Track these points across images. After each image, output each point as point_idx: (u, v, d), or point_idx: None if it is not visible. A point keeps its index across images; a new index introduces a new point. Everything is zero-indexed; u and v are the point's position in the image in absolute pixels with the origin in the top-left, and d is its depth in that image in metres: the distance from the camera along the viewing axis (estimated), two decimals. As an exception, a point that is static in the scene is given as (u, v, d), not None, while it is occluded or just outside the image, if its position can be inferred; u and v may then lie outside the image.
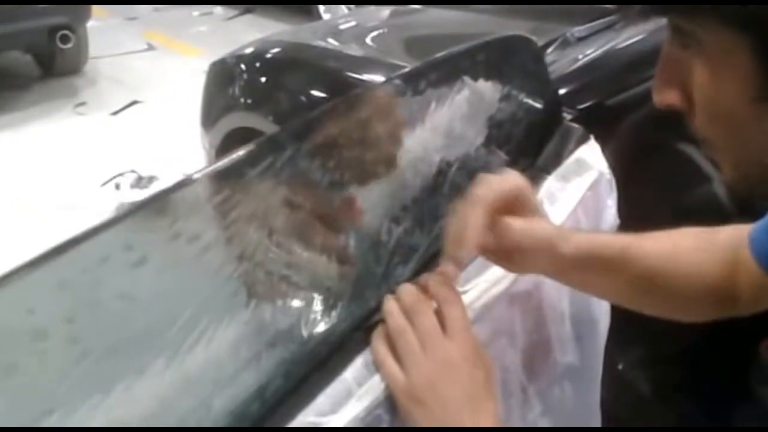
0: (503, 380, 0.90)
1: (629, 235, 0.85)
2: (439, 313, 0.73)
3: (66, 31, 4.44)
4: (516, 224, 0.78)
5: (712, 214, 1.38)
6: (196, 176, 0.64)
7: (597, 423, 1.11)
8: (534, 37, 1.05)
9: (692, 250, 0.85)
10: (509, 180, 0.80)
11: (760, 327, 1.07)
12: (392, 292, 0.77)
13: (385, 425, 0.72)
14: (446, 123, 0.90)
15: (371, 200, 0.81)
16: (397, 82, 0.86)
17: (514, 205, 0.79)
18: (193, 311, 0.61)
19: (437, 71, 0.89)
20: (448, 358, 0.70)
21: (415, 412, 0.70)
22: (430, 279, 0.76)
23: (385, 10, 2.38)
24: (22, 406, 0.53)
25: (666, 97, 0.60)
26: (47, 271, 0.53)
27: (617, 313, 1.09)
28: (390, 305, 0.74)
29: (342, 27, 2.32)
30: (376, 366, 0.73)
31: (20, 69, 5.08)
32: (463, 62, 0.93)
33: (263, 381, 0.70)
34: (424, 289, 0.75)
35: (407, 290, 0.75)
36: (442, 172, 0.91)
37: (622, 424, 0.94)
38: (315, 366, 0.73)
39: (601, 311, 1.08)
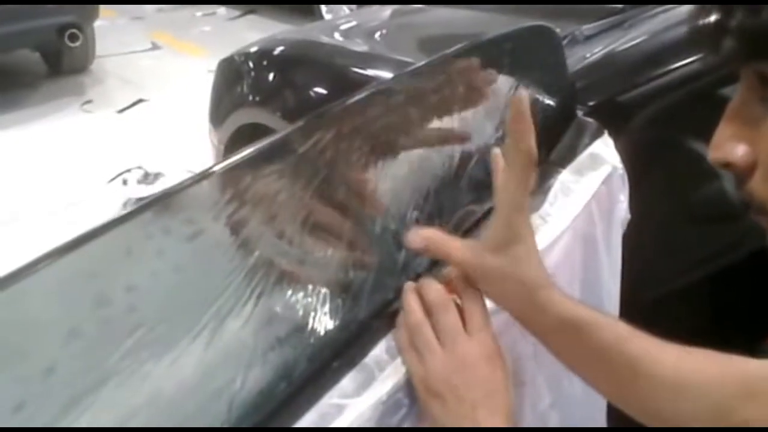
0: (515, 370, 0.91)
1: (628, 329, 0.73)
2: (460, 309, 0.74)
3: (74, 30, 4.49)
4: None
5: (720, 211, 1.40)
6: (246, 155, 0.66)
7: (602, 415, 1.13)
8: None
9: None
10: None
11: (763, 323, 1.08)
12: (413, 280, 0.79)
13: (404, 410, 0.74)
14: (462, 116, 0.91)
15: (392, 190, 0.82)
16: (419, 73, 0.86)
17: (505, 235, 0.75)
18: (233, 289, 0.63)
19: (455, 65, 0.88)
20: (467, 356, 0.71)
21: (432, 404, 0.71)
22: (453, 273, 0.76)
23: (387, 10, 2.40)
24: (81, 372, 0.54)
25: (730, 153, 0.52)
26: (113, 237, 0.55)
27: (625, 307, 1.11)
28: (411, 300, 0.75)
29: (347, 25, 2.34)
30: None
31: (28, 67, 5.11)
32: (488, 53, 0.93)
33: (290, 362, 0.71)
34: (447, 283, 0.76)
35: (430, 286, 0.75)
36: (461, 164, 0.92)
37: (626, 417, 0.95)
38: (339, 351, 0.75)
39: (612, 304, 1.10)
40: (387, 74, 1.83)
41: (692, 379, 0.68)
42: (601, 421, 1.13)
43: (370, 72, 1.88)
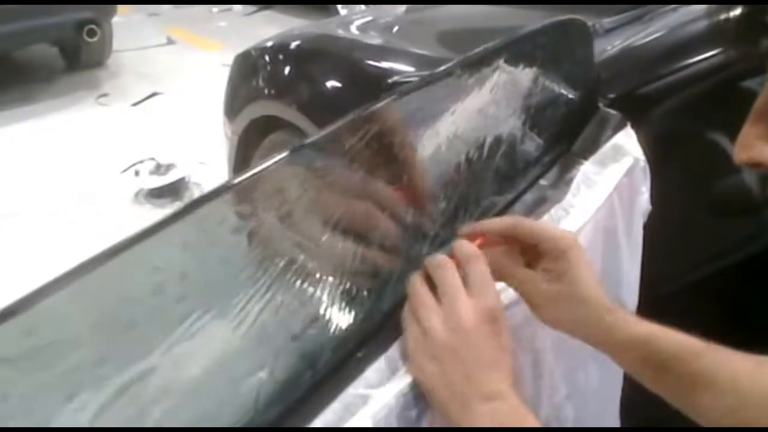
0: (534, 361, 0.91)
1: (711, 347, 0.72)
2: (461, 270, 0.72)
3: (93, 26, 4.54)
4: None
5: (740, 204, 1.39)
6: (289, 154, 0.66)
7: (616, 407, 1.13)
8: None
9: None
10: (546, 234, 0.78)
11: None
12: None
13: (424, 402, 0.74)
14: (485, 108, 0.91)
15: (417, 183, 0.82)
16: (453, 69, 0.85)
17: (558, 268, 0.76)
18: (263, 281, 0.64)
19: (498, 57, 0.88)
20: (466, 314, 0.68)
21: (429, 368, 0.68)
22: (457, 243, 0.76)
23: (402, 6, 2.40)
24: (130, 360, 0.56)
25: (760, 153, 0.53)
26: (175, 230, 0.56)
27: (644, 298, 1.10)
28: (415, 275, 0.75)
29: (362, 20, 2.34)
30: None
31: (46, 61, 5.15)
32: (524, 47, 0.94)
33: (316, 353, 0.72)
34: (450, 256, 0.75)
35: (433, 257, 0.75)
36: (484, 156, 0.92)
37: (640, 411, 0.94)
38: (363, 341, 0.75)
39: (631, 294, 1.10)
40: (404, 68, 1.82)
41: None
42: (615, 413, 1.13)
43: (386, 65, 1.88)
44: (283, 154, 0.65)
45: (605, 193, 1.00)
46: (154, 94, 4.66)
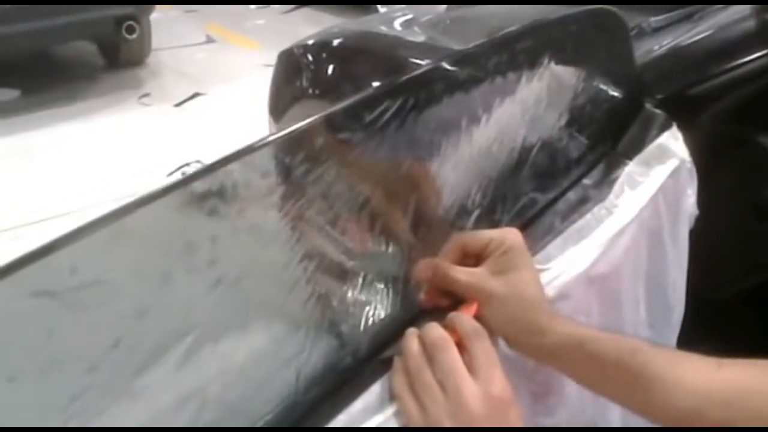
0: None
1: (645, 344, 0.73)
2: (464, 350, 0.67)
3: (132, 22, 4.55)
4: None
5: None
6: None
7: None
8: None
9: None
10: (490, 234, 0.76)
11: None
12: None
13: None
14: (526, 103, 0.90)
15: (454, 177, 0.82)
16: (475, 55, 0.85)
17: (505, 262, 0.74)
18: (304, 263, 0.64)
19: (519, 44, 0.87)
20: (473, 402, 0.63)
21: None
22: (455, 317, 0.71)
23: (442, 5, 2.39)
24: (168, 317, 0.57)
25: None
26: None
27: (691, 304, 1.09)
28: (411, 342, 0.69)
29: (404, 17, 2.34)
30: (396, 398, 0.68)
31: (86, 59, 5.20)
32: (547, 36, 0.92)
33: (355, 338, 0.73)
34: (450, 328, 0.69)
35: (431, 328, 0.69)
36: (523, 153, 0.92)
37: None
38: (401, 330, 0.73)
39: (677, 298, 1.08)
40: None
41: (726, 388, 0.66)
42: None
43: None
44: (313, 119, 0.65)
45: (649, 194, 0.99)
46: (196, 95, 4.68)
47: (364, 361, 0.72)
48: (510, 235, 0.76)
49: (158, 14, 5.13)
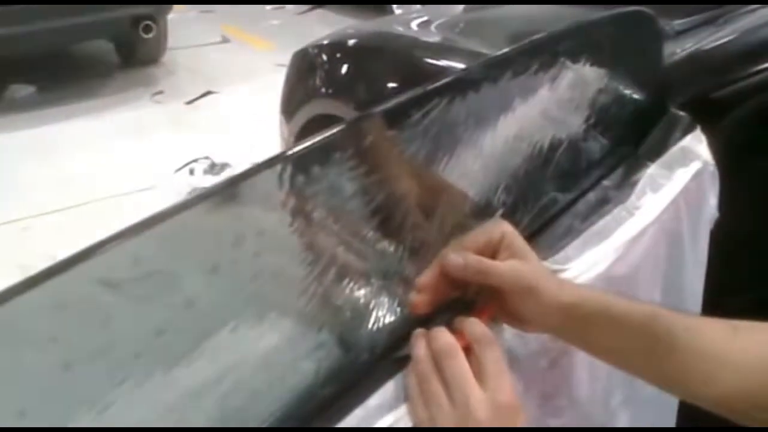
0: (591, 363, 0.89)
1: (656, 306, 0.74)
2: (473, 355, 0.67)
3: (149, 22, 4.60)
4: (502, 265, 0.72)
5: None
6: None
7: (673, 415, 1.09)
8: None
9: None
10: (488, 229, 0.75)
11: None
12: None
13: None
14: (549, 104, 0.90)
15: (482, 177, 0.81)
16: (505, 59, 0.84)
17: (499, 252, 0.73)
18: (329, 259, 0.65)
19: (561, 45, 0.87)
20: (479, 411, 0.63)
21: None
22: (464, 321, 0.70)
23: (458, 6, 2.38)
24: (212, 308, 0.59)
25: None
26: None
27: (708, 308, 1.07)
28: (419, 347, 0.68)
29: (420, 18, 2.33)
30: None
31: (102, 58, 5.25)
32: (587, 37, 0.92)
33: (374, 335, 0.73)
34: (458, 333, 0.69)
35: (439, 333, 0.68)
36: (546, 154, 0.91)
37: (697, 422, 0.91)
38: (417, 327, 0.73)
39: (694, 301, 1.07)
40: (461, 65, 1.80)
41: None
42: (671, 422, 1.10)
43: (447, 64, 1.86)
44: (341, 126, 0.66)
45: (671, 196, 0.98)
46: (208, 93, 4.71)
47: (380, 359, 0.72)
48: (503, 226, 0.75)
49: (175, 14, 5.18)
